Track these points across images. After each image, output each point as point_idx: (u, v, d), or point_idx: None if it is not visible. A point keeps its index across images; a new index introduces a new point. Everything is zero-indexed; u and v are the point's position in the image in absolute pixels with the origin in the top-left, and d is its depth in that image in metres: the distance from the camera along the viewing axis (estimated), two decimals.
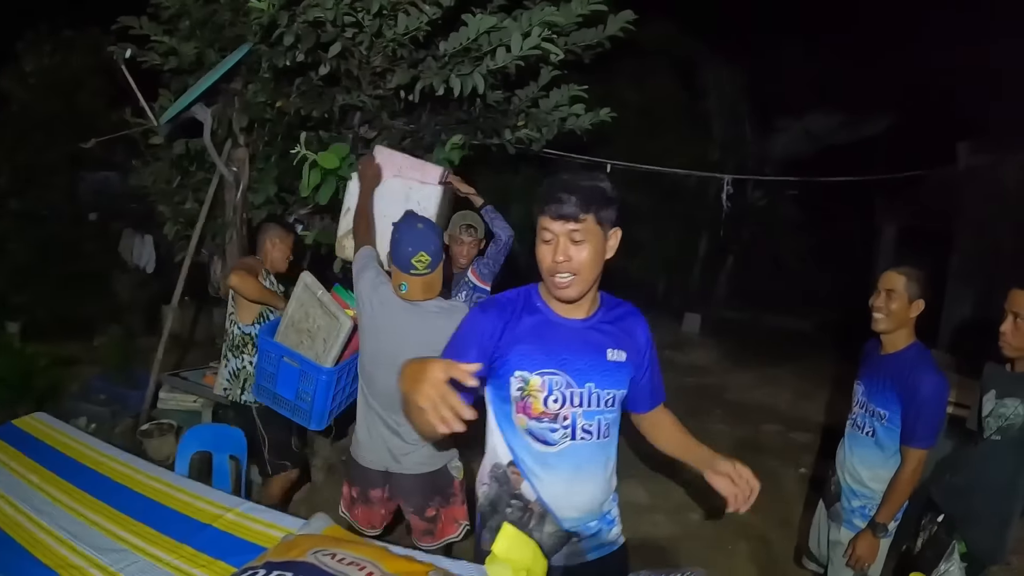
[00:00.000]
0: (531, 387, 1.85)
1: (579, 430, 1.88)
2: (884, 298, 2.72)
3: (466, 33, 3.53)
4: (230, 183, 4.67)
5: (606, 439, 1.95)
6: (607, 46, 4.35)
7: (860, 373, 2.97)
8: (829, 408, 7.17)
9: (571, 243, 1.76)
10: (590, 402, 1.89)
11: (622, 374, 1.96)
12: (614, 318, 1.99)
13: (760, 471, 1.91)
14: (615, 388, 1.94)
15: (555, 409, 1.86)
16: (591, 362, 1.89)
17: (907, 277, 2.69)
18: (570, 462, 1.89)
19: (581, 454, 1.90)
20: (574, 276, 1.78)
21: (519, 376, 1.85)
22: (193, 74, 4.47)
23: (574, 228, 1.74)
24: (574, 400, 1.86)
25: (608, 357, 1.92)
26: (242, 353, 3.89)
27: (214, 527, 2.17)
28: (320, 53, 3.78)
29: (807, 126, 12.36)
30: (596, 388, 1.89)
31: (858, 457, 2.86)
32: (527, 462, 1.91)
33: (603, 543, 2.03)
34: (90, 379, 5.97)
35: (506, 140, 4.35)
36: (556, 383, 1.85)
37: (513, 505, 1.94)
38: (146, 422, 4.85)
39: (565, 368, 1.86)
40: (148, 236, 8.59)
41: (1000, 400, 2.59)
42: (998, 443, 2.57)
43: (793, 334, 11.52)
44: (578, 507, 1.94)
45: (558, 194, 1.74)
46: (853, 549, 2.77)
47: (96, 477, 2.53)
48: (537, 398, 1.85)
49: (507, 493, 1.95)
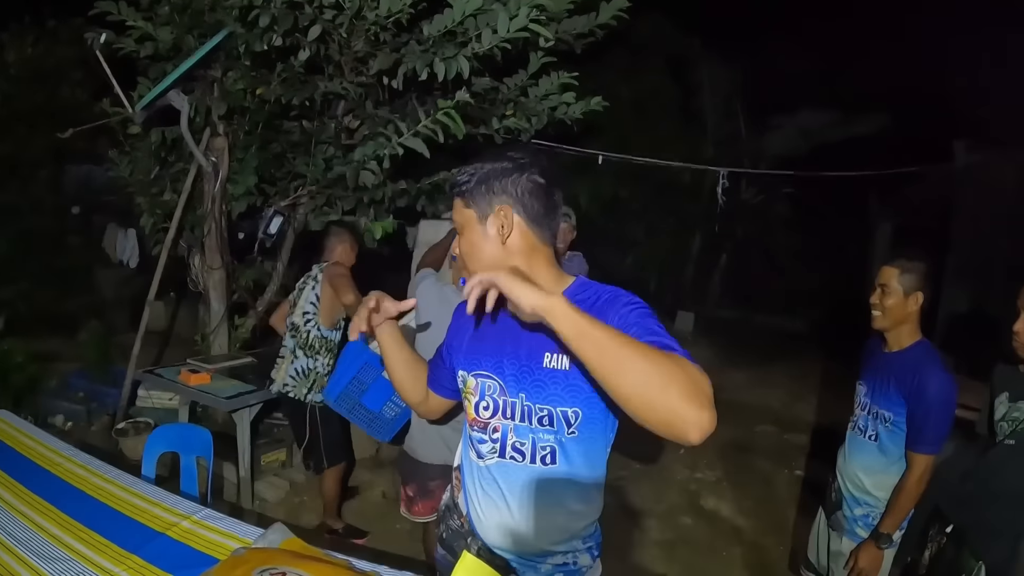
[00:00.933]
0: (467, 388, 1.63)
1: (508, 447, 1.58)
2: (879, 294, 2.58)
3: (451, 15, 3.40)
4: (209, 173, 4.55)
5: (547, 467, 1.55)
6: (599, 35, 4.23)
7: (862, 373, 2.82)
8: (824, 409, 7.08)
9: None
10: (522, 417, 1.54)
11: (560, 388, 1.50)
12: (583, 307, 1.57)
13: (754, 473, 1.74)
14: (549, 404, 1.51)
15: (485, 417, 1.60)
16: (524, 368, 1.53)
17: (900, 270, 2.54)
18: (497, 483, 1.60)
19: (511, 477, 1.58)
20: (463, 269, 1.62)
21: (461, 375, 1.66)
22: (171, 61, 4.35)
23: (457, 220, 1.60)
24: (506, 412, 1.56)
25: (544, 363, 1.51)
26: (316, 355, 3.91)
27: (167, 536, 2.04)
28: (299, 37, 3.64)
29: (801, 123, 12.25)
30: (527, 401, 1.53)
31: (860, 463, 2.71)
32: (464, 470, 1.70)
33: None
34: (68, 376, 5.82)
35: (494, 130, 4.21)
36: (488, 388, 1.59)
37: (452, 514, 1.76)
38: (123, 420, 4.74)
39: (500, 372, 1.57)
40: (131, 230, 8.41)
41: (1015, 403, 2.45)
42: (1013, 448, 2.42)
43: (787, 334, 11.46)
44: (505, 539, 1.62)
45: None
46: (855, 561, 2.62)
47: (51, 480, 2.42)
48: (471, 401, 1.63)
49: (450, 499, 1.78)
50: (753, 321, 12.20)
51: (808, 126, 12.16)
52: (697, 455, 5.78)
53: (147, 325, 4.95)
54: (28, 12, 8.01)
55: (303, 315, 3.91)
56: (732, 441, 6.24)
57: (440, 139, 3.79)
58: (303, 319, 3.91)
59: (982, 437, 2.69)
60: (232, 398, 4.08)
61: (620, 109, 9.66)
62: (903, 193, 10.24)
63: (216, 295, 5.00)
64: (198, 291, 5.13)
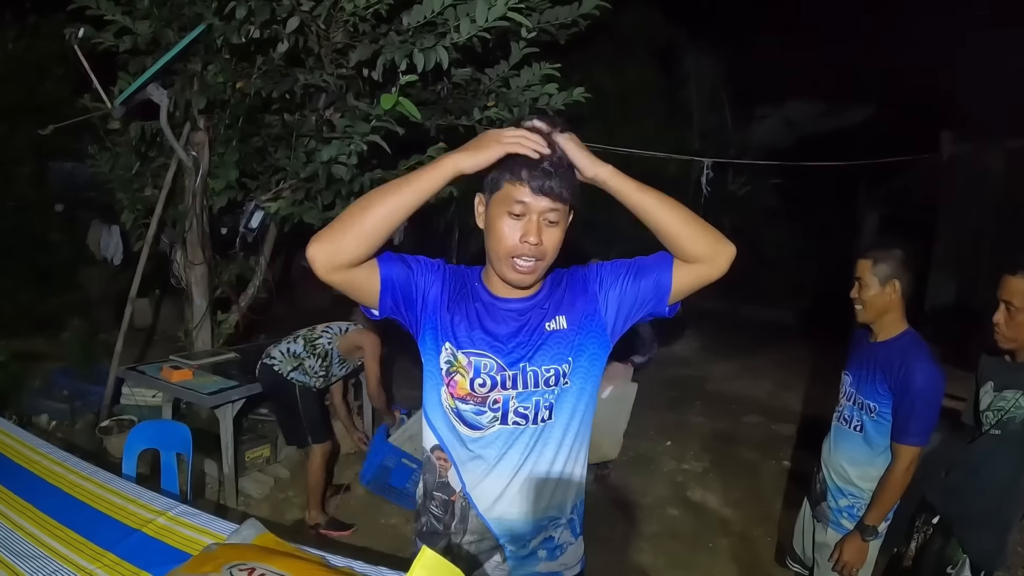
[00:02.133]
0: (458, 363, 1.62)
1: (511, 413, 1.63)
2: (857, 288, 2.58)
3: (430, 5, 3.37)
4: (189, 168, 4.51)
5: (546, 423, 1.64)
6: (582, 26, 4.20)
7: (848, 363, 2.80)
8: (811, 399, 7.10)
9: (546, 224, 1.53)
10: (525, 383, 1.62)
11: (563, 345, 1.64)
12: (554, 285, 1.71)
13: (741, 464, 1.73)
14: (555, 363, 1.63)
15: (482, 392, 1.62)
16: (525, 340, 1.63)
17: (873, 261, 2.53)
18: (500, 450, 1.64)
19: (514, 442, 1.64)
20: (538, 262, 1.55)
21: (449, 348, 1.63)
22: (151, 55, 4.31)
23: (553, 208, 1.52)
24: (505, 383, 1.61)
25: (546, 328, 1.64)
26: (313, 354, 4.07)
27: (142, 532, 2.03)
28: (278, 29, 3.61)
29: (787, 114, 12.25)
30: (531, 366, 1.62)
31: (845, 453, 2.69)
32: (454, 447, 1.67)
33: (536, 572, 1.71)
34: (52, 375, 5.78)
35: (475, 121, 4.18)
36: (484, 366, 1.61)
37: (436, 497, 1.71)
38: (107, 418, 4.71)
39: (496, 351, 1.62)
40: (115, 227, 8.31)
41: (999, 392, 2.44)
42: (998, 438, 2.42)
43: (773, 324, 11.48)
44: (505, 503, 1.66)
45: (542, 165, 1.49)
46: (840, 553, 2.60)
47: (28, 478, 2.41)
48: (464, 376, 1.62)
49: (432, 484, 1.72)
50: (739, 312, 12.21)
51: (794, 117, 12.17)
52: (684, 446, 5.79)
53: (131, 322, 4.92)
54: (8, 8, 7.94)
55: (323, 332, 4.15)
56: (719, 432, 6.25)
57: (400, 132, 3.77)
58: (325, 334, 4.15)
59: (968, 427, 2.68)
60: (214, 394, 4.05)
61: (605, 101, 9.66)
62: (889, 183, 10.26)
63: (198, 291, 4.96)
64: (181, 287, 5.09)
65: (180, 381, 4.23)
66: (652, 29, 11.42)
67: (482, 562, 1.66)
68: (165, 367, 4.37)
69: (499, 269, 1.58)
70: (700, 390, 7.62)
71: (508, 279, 1.58)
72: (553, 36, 4.20)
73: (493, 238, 1.56)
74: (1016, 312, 2.33)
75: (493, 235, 1.55)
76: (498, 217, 1.53)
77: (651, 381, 7.41)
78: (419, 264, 1.65)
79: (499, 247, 1.54)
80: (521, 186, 1.49)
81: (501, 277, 1.59)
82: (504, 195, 1.52)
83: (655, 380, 7.48)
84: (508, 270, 1.55)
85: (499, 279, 1.62)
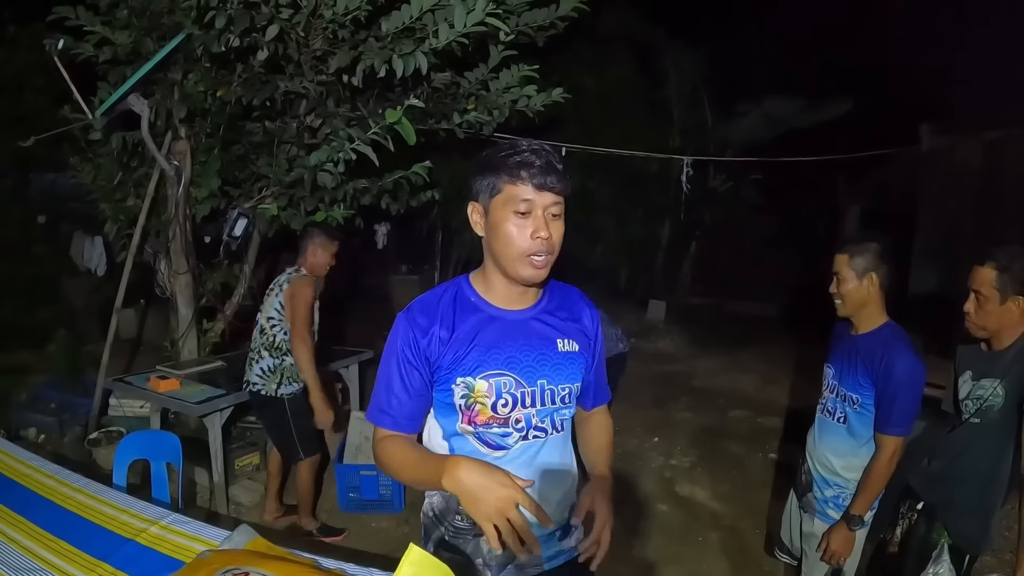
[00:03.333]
0: (477, 393, 1.64)
1: (532, 430, 1.69)
2: (836, 282, 2.62)
3: (408, 12, 3.39)
4: (171, 178, 4.51)
5: (560, 433, 1.76)
6: (560, 28, 4.22)
7: (830, 355, 2.85)
8: (796, 392, 7.16)
9: (551, 217, 1.57)
10: (543, 400, 1.69)
11: (576, 366, 1.74)
12: (559, 304, 1.79)
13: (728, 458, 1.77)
14: (570, 382, 1.73)
15: (505, 413, 1.65)
16: (540, 356, 1.68)
17: (849, 255, 2.57)
18: (525, 463, 1.70)
19: (536, 453, 1.72)
20: (549, 256, 1.59)
21: (462, 383, 1.64)
22: (131, 65, 4.30)
23: (556, 201, 1.56)
24: (525, 401, 1.67)
25: (559, 348, 1.72)
26: (284, 355, 3.92)
27: (136, 542, 2.04)
28: (257, 37, 3.62)
29: (767, 110, 12.29)
30: (549, 384, 1.69)
31: (828, 445, 2.73)
32: None
33: (562, 551, 1.82)
34: (39, 388, 5.76)
35: (455, 124, 4.20)
36: (504, 385, 1.64)
37: (462, 511, 1.72)
38: (95, 430, 4.70)
39: (512, 367, 1.65)
40: (98, 238, 8.30)
41: (977, 381, 2.49)
42: (977, 426, 2.47)
43: (758, 319, 11.57)
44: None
45: (541, 162, 1.54)
46: (827, 543, 2.64)
47: (18, 491, 2.41)
48: (485, 404, 1.64)
49: (455, 503, 1.71)
50: (724, 308, 12.31)
51: (774, 112, 12.20)
52: (672, 442, 5.82)
53: (116, 333, 4.91)
54: None
55: (268, 319, 3.91)
56: (706, 426, 6.29)
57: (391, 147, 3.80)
58: (269, 323, 3.91)
59: (949, 415, 2.73)
60: (202, 403, 4.04)
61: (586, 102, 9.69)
62: (870, 177, 10.35)
63: (183, 300, 4.96)
64: (166, 297, 5.08)
65: (168, 391, 4.22)
66: (631, 29, 11.46)
67: (511, 560, 1.73)
68: (152, 377, 4.37)
69: (513, 270, 1.59)
70: (686, 386, 7.67)
71: (525, 277, 1.60)
72: (531, 39, 4.22)
73: (502, 241, 1.57)
74: (985, 301, 2.39)
75: (502, 238, 1.57)
76: (504, 219, 1.56)
77: (637, 378, 7.46)
78: (414, 353, 1.66)
79: (510, 249, 1.57)
80: (523, 185, 1.53)
81: (515, 276, 1.61)
82: (506, 196, 1.55)
83: (641, 377, 7.52)
84: (524, 268, 1.58)
85: (503, 285, 1.66)
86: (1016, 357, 2.38)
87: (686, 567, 3.97)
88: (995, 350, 2.46)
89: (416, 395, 1.67)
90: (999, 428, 2.40)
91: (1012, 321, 2.38)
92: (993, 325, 2.41)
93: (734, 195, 12.56)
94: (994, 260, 2.38)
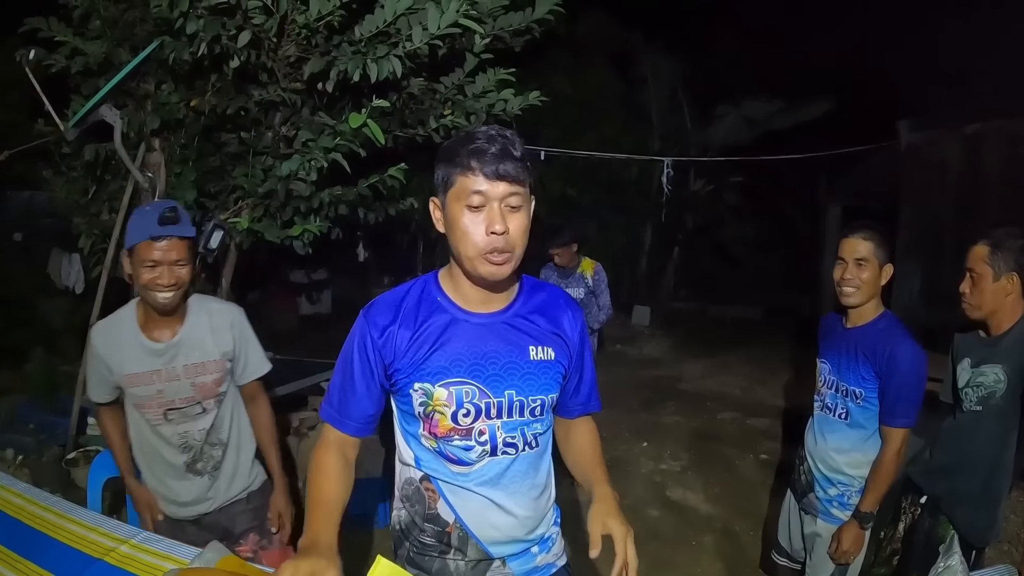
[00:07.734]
0: (435, 401, 1.56)
1: (500, 444, 1.60)
2: (853, 268, 2.52)
3: (382, 15, 3.34)
4: (146, 190, 4.42)
5: (534, 450, 1.66)
6: (537, 32, 4.18)
7: (822, 351, 2.80)
8: (784, 392, 7.17)
9: (508, 209, 1.46)
10: (511, 412, 1.59)
11: (550, 376, 1.64)
12: (536, 307, 1.67)
13: (719, 460, 1.73)
14: (542, 393, 1.63)
15: (467, 424, 1.57)
16: (509, 365, 1.58)
17: (874, 243, 2.51)
18: (491, 481, 1.61)
19: (505, 471, 1.62)
20: (509, 253, 1.48)
21: (420, 389, 1.56)
22: (104, 76, 4.23)
23: (512, 191, 1.45)
24: (491, 412, 1.57)
25: (532, 356, 1.61)
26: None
27: (105, 562, 1.97)
28: (229, 44, 3.56)
29: (746, 112, 12.34)
30: (519, 396, 1.59)
31: (831, 442, 2.68)
32: (443, 479, 1.64)
33: (536, 567, 1.74)
34: (17, 408, 5.67)
35: (431, 130, 4.15)
36: (467, 394, 1.56)
37: (427, 528, 1.66)
38: (73, 450, 4.61)
39: (476, 376, 1.56)
40: (75, 255, 8.18)
41: (977, 368, 2.46)
42: (979, 414, 2.44)
43: (743, 321, 11.66)
44: (504, 530, 1.65)
45: (495, 148, 1.43)
46: (839, 543, 2.58)
47: None
48: (444, 413, 1.56)
49: (420, 514, 1.67)
50: (709, 311, 12.37)
51: (753, 114, 12.27)
52: (661, 446, 5.79)
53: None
54: None
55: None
56: (696, 430, 6.27)
57: (362, 153, 3.75)
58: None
59: (947, 406, 2.70)
60: None
61: (565, 107, 9.71)
62: (850, 176, 10.40)
63: None
64: None
65: None
66: (608, 33, 11.51)
67: (484, 571, 1.67)
68: None
69: (471, 268, 1.50)
70: (674, 390, 7.67)
71: (483, 274, 1.50)
72: (508, 44, 4.18)
73: (457, 237, 1.49)
74: (979, 279, 2.37)
75: (456, 234, 1.48)
76: (458, 214, 1.47)
77: (624, 383, 7.43)
78: (368, 353, 1.60)
79: (466, 245, 1.47)
80: (474, 175, 1.44)
81: (474, 275, 1.52)
82: (459, 189, 1.46)
83: (628, 382, 7.50)
84: (482, 266, 1.48)
85: (468, 285, 1.57)
86: (1016, 341, 2.36)
87: (681, 572, 3.93)
88: (993, 335, 2.44)
89: (364, 396, 1.60)
90: (1002, 414, 2.38)
91: (1006, 300, 2.36)
92: (988, 304, 2.39)
93: (715, 198, 12.62)
94: (988, 238, 2.36)
